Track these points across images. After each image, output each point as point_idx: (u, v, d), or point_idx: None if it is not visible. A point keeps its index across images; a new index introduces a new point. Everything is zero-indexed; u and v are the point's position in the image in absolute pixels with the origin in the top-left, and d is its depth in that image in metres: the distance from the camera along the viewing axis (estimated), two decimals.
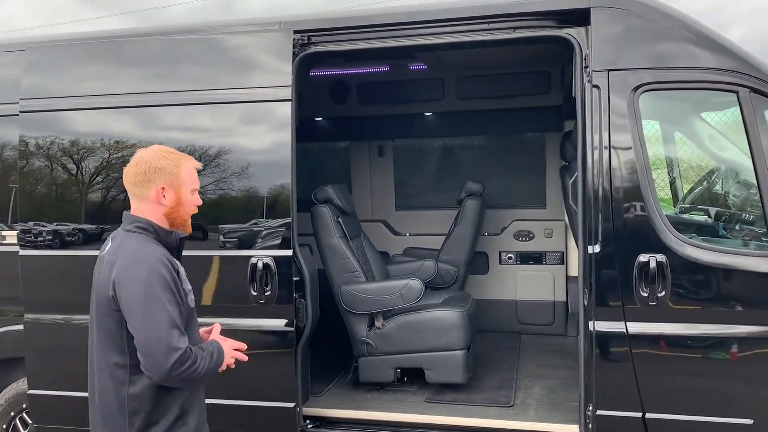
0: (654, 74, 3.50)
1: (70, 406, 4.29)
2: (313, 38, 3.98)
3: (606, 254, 3.50)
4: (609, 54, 3.53)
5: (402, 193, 6.81)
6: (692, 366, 3.49)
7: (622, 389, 3.55)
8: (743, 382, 3.44)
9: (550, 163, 6.22)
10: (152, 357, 2.28)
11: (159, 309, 2.29)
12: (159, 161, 2.49)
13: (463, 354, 4.50)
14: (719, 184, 4.59)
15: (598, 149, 3.52)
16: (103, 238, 4.11)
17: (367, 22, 3.93)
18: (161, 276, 2.33)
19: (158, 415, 2.41)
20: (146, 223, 2.48)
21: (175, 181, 2.50)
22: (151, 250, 2.40)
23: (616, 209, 3.49)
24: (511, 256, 6.29)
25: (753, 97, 3.42)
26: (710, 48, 3.49)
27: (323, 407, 4.27)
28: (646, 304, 3.46)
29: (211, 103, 3.99)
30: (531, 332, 6.12)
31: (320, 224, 4.76)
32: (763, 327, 3.39)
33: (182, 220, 2.57)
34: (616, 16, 3.54)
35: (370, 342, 4.53)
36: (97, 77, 4.19)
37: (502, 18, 3.76)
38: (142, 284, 2.31)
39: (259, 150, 3.93)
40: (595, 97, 3.53)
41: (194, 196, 2.60)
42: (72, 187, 4.33)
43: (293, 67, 3.86)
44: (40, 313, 4.29)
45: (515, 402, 4.35)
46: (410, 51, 4.20)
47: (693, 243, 3.47)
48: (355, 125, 6.59)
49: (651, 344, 3.51)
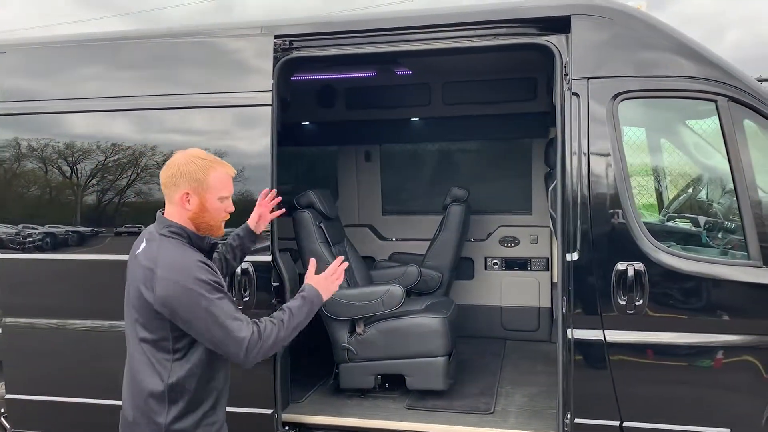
0: (633, 82, 3.50)
1: (47, 410, 4.28)
2: (295, 43, 3.97)
3: (584, 262, 3.50)
4: (589, 62, 3.54)
5: (389, 198, 6.80)
6: (670, 375, 3.48)
7: (599, 397, 3.55)
8: (721, 391, 3.44)
9: (536, 169, 6.22)
10: (228, 353, 2.41)
11: (213, 311, 2.35)
12: (186, 165, 2.49)
13: (444, 361, 4.49)
14: (703, 192, 4.60)
15: (577, 156, 3.52)
16: (81, 242, 4.18)
17: (348, 27, 3.93)
18: (203, 281, 2.37)
19: (195, 405, 2.49)
20: (179, 228, 2.51)
21: (200, 188, 2.49)
22: (188, 258, 2.43)
23: (594, 217, 3.49)
24: (497, 262, 6.28)
25: (731, 106, 3.42)
26: (690, 57, 3.49)
27: (303, 413, 4.26)
28: (624, 313, 3.46)
29: (190, 107, 4.01)
30: (516, 338, 6.11)
31: (302, 229, 4.74)
32: (740, 336, 3.40)
33: (208, 226, 2.56)
34: (596, 24, 3.54)
35: (351, 348, 4.51)
36: (76, 80, 4.20)
37: (484, 25, 3.76)
38: (189, 294, 2.35)
39: (240, 154, 3.91)
40: (574, 105, 3.53)
41: (224, 204, 2.57)
42: (51, 191, 4.31)
43: (274, 71, 3.86)
44: (18, 317, 4.28)
45: (496, 409, 4.34)
46: (392, 57, 4.20)
47: (671, 251, 3.47)
48: (343, 130, 6.58)
49: (629, 352, 3.51)
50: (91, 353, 4.18)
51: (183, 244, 2.49)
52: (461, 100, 6.16)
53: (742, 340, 3.40)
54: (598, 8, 3.55)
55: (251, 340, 2.38)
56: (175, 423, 2.46)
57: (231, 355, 2.41)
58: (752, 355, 3.40)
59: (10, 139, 4.28)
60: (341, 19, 4.02)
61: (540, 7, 3.67)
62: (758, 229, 3.35)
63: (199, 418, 2.51)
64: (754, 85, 3.50)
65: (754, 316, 3.40)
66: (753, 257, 3.37)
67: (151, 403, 2.46)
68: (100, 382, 4.06)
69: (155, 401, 2.46)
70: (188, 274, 2.37)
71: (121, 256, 3.86)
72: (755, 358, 3.40)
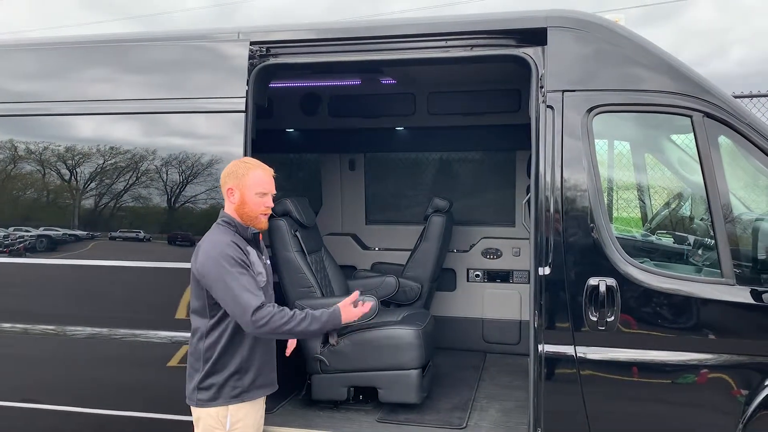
0: (608, 96, 3.47)
1: (24, 417, 4.20)
2: (272, 50, 3.95)
3: (556, 276, 3.46)
4: (564, 75, 3.51)
5: (373, 207, 6.76)
6: (640, 392, 3.43)
7: (570, 414, 3.50)
8: (691, 410, 3.39)
9: (519, 181, 6.19)
10: (237, 316, 2.86)
11: (231, 280, 2.83)
12: (233, 167, 3.07)
13: (417, 373, 4.43)
14: (681, 208, 4.57)
15: (550, 170, 3.48)
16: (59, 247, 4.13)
17: (325, 35, 3.91)
18: (228, 256, 2.87)
19: (219, 367, 2.97)
20: (229, 218, 3.05)
21: (240, 183, 3.01)
22: (223, 238, 2.95)
23: (566, 231, 3.46)
24: (479, 274, 6.24)
25: (707, 122, 3.39)
26: (665, 71, 3.47)
27: (273, 425, 4.18)
28: (596, 328, 3.42)
29: (165, 112, 3.98)
30: (496, 351, 6.06)
31: (276, 238, 4.69)
32: (712, 354, 3.36)
33: (249, 217, 3.03)
34: (572, 37, 3.52)
35: (323, 359, 4.45)
36: (50, 82, 4.16)
37: (460, 36, 3.73)
38: (216, 264, 2.86)
39: (213, 161, 3.88)
40: (549, 118, 3.50)
41: (263, 199, 3.04)
42: (26, 194, 4.26)
43: (250, 78, 3.82)
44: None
45: (468, 424, 4.28)
46: (370, 65, 4.17)
47: (643, 267, 3.43)
48: (327, 138, 6.55)
49: (599, 369, 3.46)
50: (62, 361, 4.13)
51: (228, 230, 3.01)
52: (446, 110, 6.14)
53: (714, 358, 3.36)
54: (575, 21, 3.53)
55: (258, 310, 2.79)
56: (205, 380, 2.98)
57: (238, 317, 2.85)
58: (724, 373, 3.36)
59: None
60: (318, 26, 3.99)
61: (516, 19, 3.65)
62: (731, 246, 3.32)
63: (224, 379, 2.96)
64: (730, 101, 3.47)
65: (727, 335, 3.36)
66: (726, 275, 3.33)
67: (192, 361, 3.05)
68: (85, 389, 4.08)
69: (194, 359, 3.03)
70: (219, 250, 2.89)
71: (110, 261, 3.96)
72: (727, 377, 3.36)
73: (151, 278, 3.96)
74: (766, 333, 3.31)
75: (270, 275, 3.24)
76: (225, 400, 2.98)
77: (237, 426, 3.00)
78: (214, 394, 2.98)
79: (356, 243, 6.60)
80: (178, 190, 4.01)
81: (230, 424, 2.99)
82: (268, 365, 3.13)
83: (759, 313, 3.32)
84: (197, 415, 3.06)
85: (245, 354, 3.00)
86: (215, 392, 2.98)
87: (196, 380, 3.01)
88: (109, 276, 4.04)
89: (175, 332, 3.87)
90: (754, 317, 3.33)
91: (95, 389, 4.08)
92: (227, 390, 2.98)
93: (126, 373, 4.02)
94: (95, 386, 4.08)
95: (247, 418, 3.03)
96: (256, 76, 3.87)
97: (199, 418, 3.05)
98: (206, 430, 3.03)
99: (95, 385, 4.08)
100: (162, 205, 4.05)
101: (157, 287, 3.95)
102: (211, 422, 3.00)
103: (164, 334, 3.91)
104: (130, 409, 4.01)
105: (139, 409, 4.00)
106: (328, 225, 6.64)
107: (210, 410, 2.99)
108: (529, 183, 5.11)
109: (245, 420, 3.03)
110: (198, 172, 3.93)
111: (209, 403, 2.98)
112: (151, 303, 3.95)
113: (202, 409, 3.01)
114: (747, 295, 3.30)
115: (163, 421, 3.92)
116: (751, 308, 3.31)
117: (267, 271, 3.16)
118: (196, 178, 3.93)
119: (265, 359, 3.11)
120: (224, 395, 2.98)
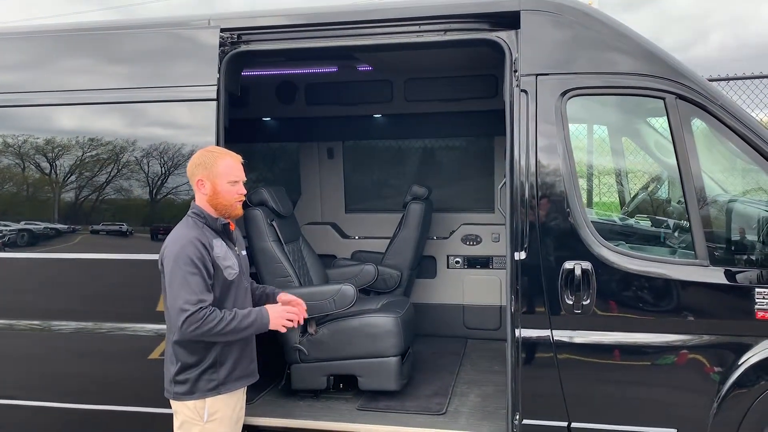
0: (582, 79, 3.46)
1: (9, 415, 4.14)
2: (243, 37, 3.89)
3: (532, 261, 3.46)
4: (537, 58, 3.49)
5: (352, 196, 6.72)
6: (617, 375, 3.46)
7: (547, 398, 3.51)
8: (667, 391, 3.41)
9: (498, 167, 6.18)
10: (171, 317, 2.85)
11: (178, 279, 2.80)
12: (199, 158, 3.00)
13: (396, 361, 4.42)
14: (658, 191, 4.58)
15: (525, 154, 3.47)
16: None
17: (296, 21, 3.87)
18: (185, 254, 2.82)
19: (193, 362, 2.94)
20: (199, 209, 3.00)
21: (210, 174, 2.95)
22: (186, 234, 2.90)
23: (542, 216, 3.45)
24: (459, 260, 6.24)
25: (680, 104, 3.39)
26: (638, 54, 3.46)
27: (254, 415, 4.16)
28: (572, 312, 3.42)
29: (134, 101, 3.91)
30: (477, 337, 6.07)
31: (252, 227, 4.64)
32: (687, 335, 3.38)
33: (224, 207, 2.98)
34: (545, 20, 3.50)
35: (302, 349, 4.42)
36: (18, 72, 4.07)
37: (433, 20, 3.70)
38: (171, 260, 2.84)
39: (185, 151, 3.83)
40: (523, 102, 3.48)
41: (236, 187, 2.99)
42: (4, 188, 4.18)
43: (221, 66, 3.77)
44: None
45: (448, 410, 4.28)
46: (343, 51, 4.12)
47: (619, 250, 3.44)
48: (304, 126, 6.49)
49: (576, 352, 3.47)
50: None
51: (197, 222, 2.97)
52: (423, 97, 6.11)
53: (689, 339, 3.38)
54: (548, 4, 3.50)
55: (191, 316, 2.76)
56: (180, 374, 2.96)
57: (173, 319, 2.83)
58: (699, 354, 3.38)
59: None
60: (289, 12, 3.95)
61: (489, 3, 3.62)
62: (704, 228, 3.34)
63: (199, 373, 2.94)
64: (703, 83, 3.47)
65: (701, 316, 3.37)
66: (699, 256, 3.35)
67: (169, 354, 3.02)
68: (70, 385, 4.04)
69: (170, 353, 3.01)
70: (179, 246, 2.85)
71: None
72: (702, 358, 3.38)
73: (133, 270, 3.90)
74: (739, 313, 3.33)
75: (246, 266, 3.20)
76: (201, 393, 2.96)
77: (215, 417, 2.99)
78: (190, 388, 2.96)
79: (336, 232, 6.57)
80: (157, 181, 3.95)
81: (208, 415, 2.97)
82: (246, 357, 3.10)
83: (733, 294, 3.35)
84: (175, 408, 3.04)
85: (220, 347, 2.97)
86: (191, 386, 2.96)
87: (172, 372, 2.99)
88: (90, 269, 3.99)
89: (161, 325, 3.81)
90: (729, 298, 3.36)
91: (80, 384, 4.04)
92: (203, 383, 2.96)
93: (110, 366, 3.97)
94: (81, 381, 4.05)
95: (225, 409, 3.02)
96: (228, 64, 3.82)
97: (177, 410, 3.04)
98: (184, 422, 3.01)
99: (81, 381, 4.05)
100: (144, 197, 3.97)
101: (141, 280, 3.87)
102: (189, 414, 2.99)
103: (150, 327, 3.86)
104: (115, 404, 3.98)
105: (124, 403, 3.96)
106: (308, 214, 6.60)
107: (188, 403, 2.97)
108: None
109: (223, 411, 3.01)
110: (179, 163, 3.85)
111: (185, 397, 2.97)
112: (134, 296, 3.90)
113: (180, 402, 3.00)
114: (721, 275, 3.33)
115: (149, 415, 3.84)
116: (725, 289, 3.34)
117: (242, 262, 3.11)
118: (177, 169, 3.86)
119: (244, 351, 3.08)
120: (200, 389, 2.96)
